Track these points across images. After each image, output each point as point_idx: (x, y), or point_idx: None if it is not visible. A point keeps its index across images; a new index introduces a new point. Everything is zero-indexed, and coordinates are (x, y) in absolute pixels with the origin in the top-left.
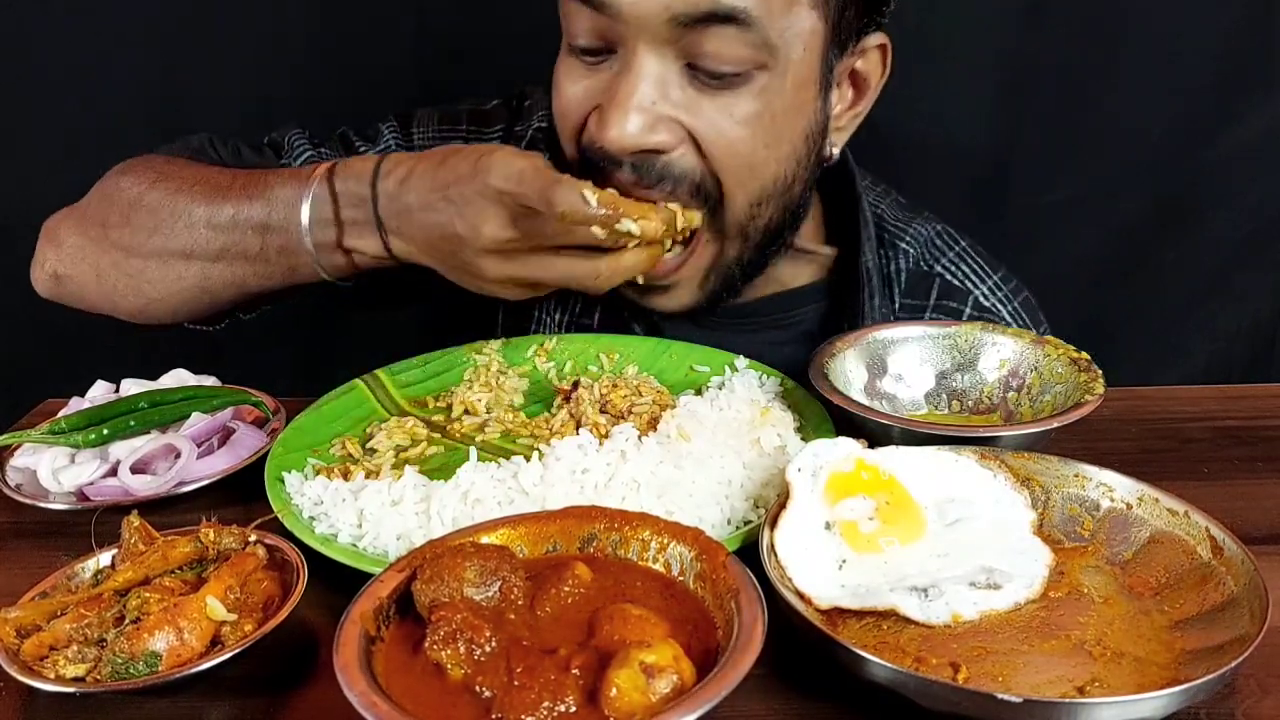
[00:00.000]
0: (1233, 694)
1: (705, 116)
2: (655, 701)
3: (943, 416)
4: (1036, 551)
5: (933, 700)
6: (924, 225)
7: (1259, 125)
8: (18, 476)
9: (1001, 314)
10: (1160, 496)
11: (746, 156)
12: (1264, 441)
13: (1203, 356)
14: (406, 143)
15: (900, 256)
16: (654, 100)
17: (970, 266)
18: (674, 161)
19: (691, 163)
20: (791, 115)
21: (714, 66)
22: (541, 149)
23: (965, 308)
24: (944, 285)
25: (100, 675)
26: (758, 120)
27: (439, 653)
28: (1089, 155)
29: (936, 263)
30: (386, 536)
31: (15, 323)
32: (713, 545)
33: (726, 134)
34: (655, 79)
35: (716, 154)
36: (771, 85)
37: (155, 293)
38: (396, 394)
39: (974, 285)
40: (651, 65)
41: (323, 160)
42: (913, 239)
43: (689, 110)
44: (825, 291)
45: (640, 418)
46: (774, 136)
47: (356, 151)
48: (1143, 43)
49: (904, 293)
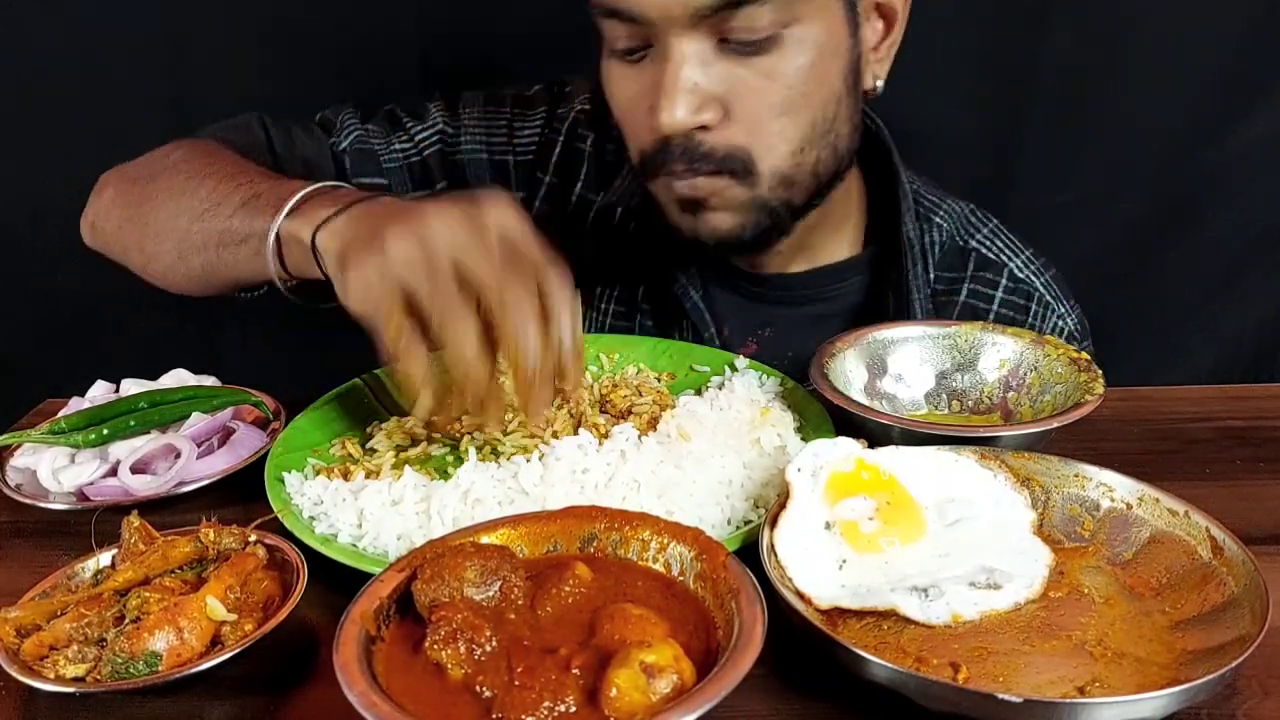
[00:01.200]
0: (1234, 694)
1: (742, 82)
2: (655, 701)
3: (943, 416)
4: (1036, 551)
5: (933, 700)
6: (956, 203)
7: (1263, 126)
8: (18, 476)
9: (1035, 285)
10: (1160, 496)
11: (781, 110)
12: (1267, 442)
13: (1205, 357)
14: (454, 123)
15: (935, 230)
16: (696, 82)
17: (1004, 241)
18: (711, 138)
19: (728, 138)
20: (826, 60)
21: (744, 37)
22: (582, 131)
23: (1001, 279)
24: (980, 258)
25: (100, 675)
26: (793, 73)
27: (439, 653)
28: (1091, 156)
29: (971, 238)
30: (386, 536)
31: (15, 323)
32: (713, 545)
33: (762, 94)
34: (693, 61)
35: (752, 116)
36: (801, 38)
37: (156, 249)
38: (396, 394)
39: (1008, 258)
40: (686, 50)
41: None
42: (946, 214)
43: (727, 81)
44: (866, 264)
45: (640, 418)
46: (811, 84)
47: (403, 129)
48: (1146, 43)
49: (939, 265)
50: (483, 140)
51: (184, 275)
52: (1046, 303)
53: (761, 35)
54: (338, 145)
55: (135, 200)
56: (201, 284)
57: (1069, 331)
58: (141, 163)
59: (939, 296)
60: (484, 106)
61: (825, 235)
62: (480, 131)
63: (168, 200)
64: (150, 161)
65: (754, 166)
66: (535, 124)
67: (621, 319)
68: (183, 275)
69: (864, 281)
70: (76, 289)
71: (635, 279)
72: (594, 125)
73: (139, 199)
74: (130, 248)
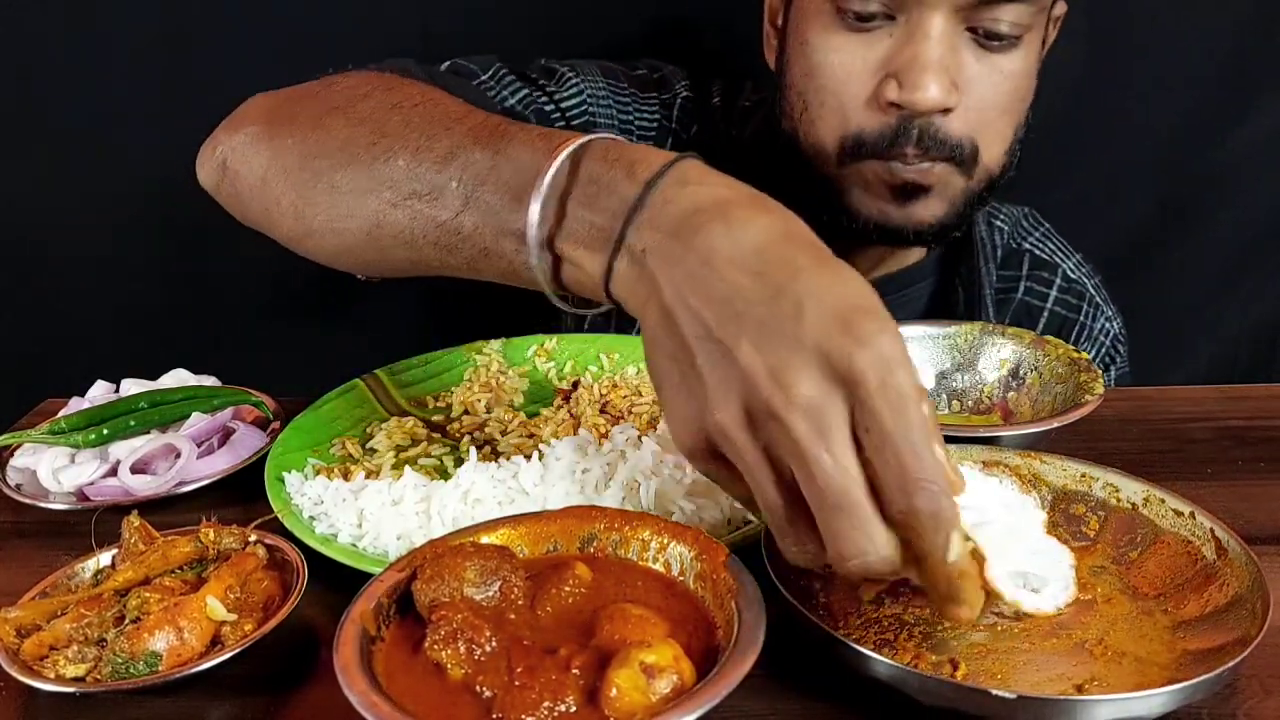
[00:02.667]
0: (1234, 694)
1: (980, 76)
2: (655, 701)
3: (943, 416)
4: (1057, 552)
5: (931, 697)
6: (1013, 206)
7: (1266, 126)
8: (18, 476)
9: (1087, 286)
10: (1166, 497)
11: (1007, 111)
12: (1267, 442)
13: (1206, 357)
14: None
15: (995, 233)
16: (948, 65)
17: (1055, 244)
18: (947, 125)
19: (960, 127)
20: (1035, 70)
21: (994, 29)
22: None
23: (1056, 278)
24: (1034, 259)
25: (100, 675)
26: (1022, 76)
27: (439, 653)
28: (1092, 155)
29: (1025, 240)
30: (386, 536)
31: (15, 323)
32: (713, 545)
33: (995, 91)
34: (947, 43)
35: (984, 113)
36: (1032, 44)
37: (316, 221)
38: (396, 394)
39: (1061, 259)
40: (944, 30)
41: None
42: (1005, 217)
43: (966, 71)
44: (933, 268)
45: (640, 418)
46: (1027, 89)
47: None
48: (1148, 41)
49: (999, 265)
50: (614, 114)
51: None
52: (1097, 304)
53: (1009, 32)
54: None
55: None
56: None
57: (1115, 334)
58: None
59: (998, 295)
60: (605, 78)
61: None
62: (610, 103)
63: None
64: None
65: (979, 156)
66: (654, 107)
67: None
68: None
69: (932, 285)
70: (76, 289)
71: None
72: (698, 115)
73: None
74: (283, 210)
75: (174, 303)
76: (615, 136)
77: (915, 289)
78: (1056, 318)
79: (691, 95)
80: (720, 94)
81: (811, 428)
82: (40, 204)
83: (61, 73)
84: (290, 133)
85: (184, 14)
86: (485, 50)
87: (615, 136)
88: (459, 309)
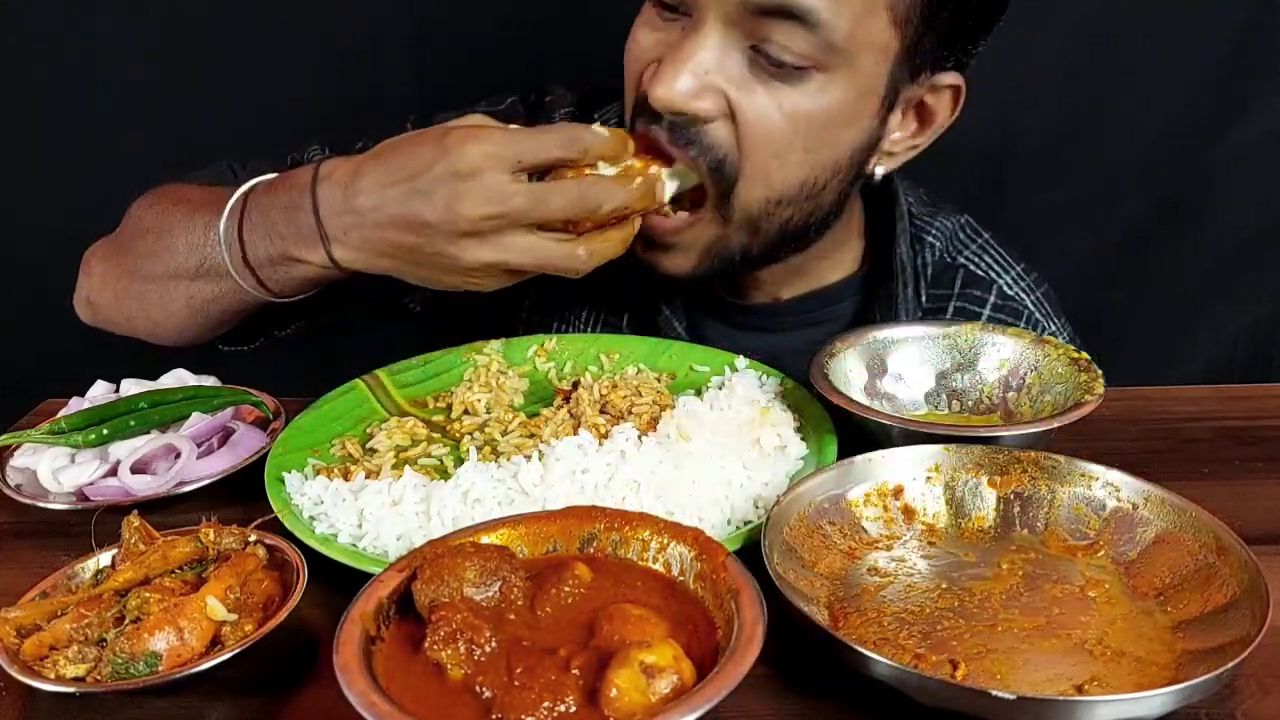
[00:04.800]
0: (1233, 694)
1: (754, 99)
2: (655, 701)
3: (943, 416)
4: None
5: (931, 697)
6: (948, 219)
7: (1261, 125)
8: (18, 476)
9: (1025, 302)
10: (1166, 496)
11: (779, 150)
12: (1264, 442)
13: (1203, 357)
14: None
15: (926, 250)
16: (709, 70)
17: (993, 257)
18: (708, 132)
19: (723, 139)
20: (841, 124)
21: (776, 54)
22: None
23: (990, 296)
24: (968, 275)
25: (100, 675)
26: (805, 119)
27: (439, 653)
28: (1089, 155)
29: (960, 254)
30: (386, 536)
31: (15, 323)
32: (713, 545)
33: (768, 121)
34: (717, 50)
35: (751, 139)
36: (829, 88)
37: (157, 314)
38: (396, 394)
39: (997, 275)
40: (717, 37)
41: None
42: (938, 232)
43: (740, 88)
44: (859, 286)
45: (640, 418)
46: (817, 140)
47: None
48: (1144, 42)
49: (930, 284)
50: None
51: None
52: (1036, 321)
53: (790, 61)
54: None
55: (122, 271)
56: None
57: None
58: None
59: (928, 315)
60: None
61: (819, 261)
62: None
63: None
64: (125, 223)
65: (735, 187)
66: None
67: None
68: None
69: (857, 301)
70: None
71: (619, 306)
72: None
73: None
74: (134, 317)
75: None
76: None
77: (840, 306)
78: None
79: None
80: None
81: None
82: (40, 204)
83: (61, 73)
84: (117, 263)
85: (184, 15)
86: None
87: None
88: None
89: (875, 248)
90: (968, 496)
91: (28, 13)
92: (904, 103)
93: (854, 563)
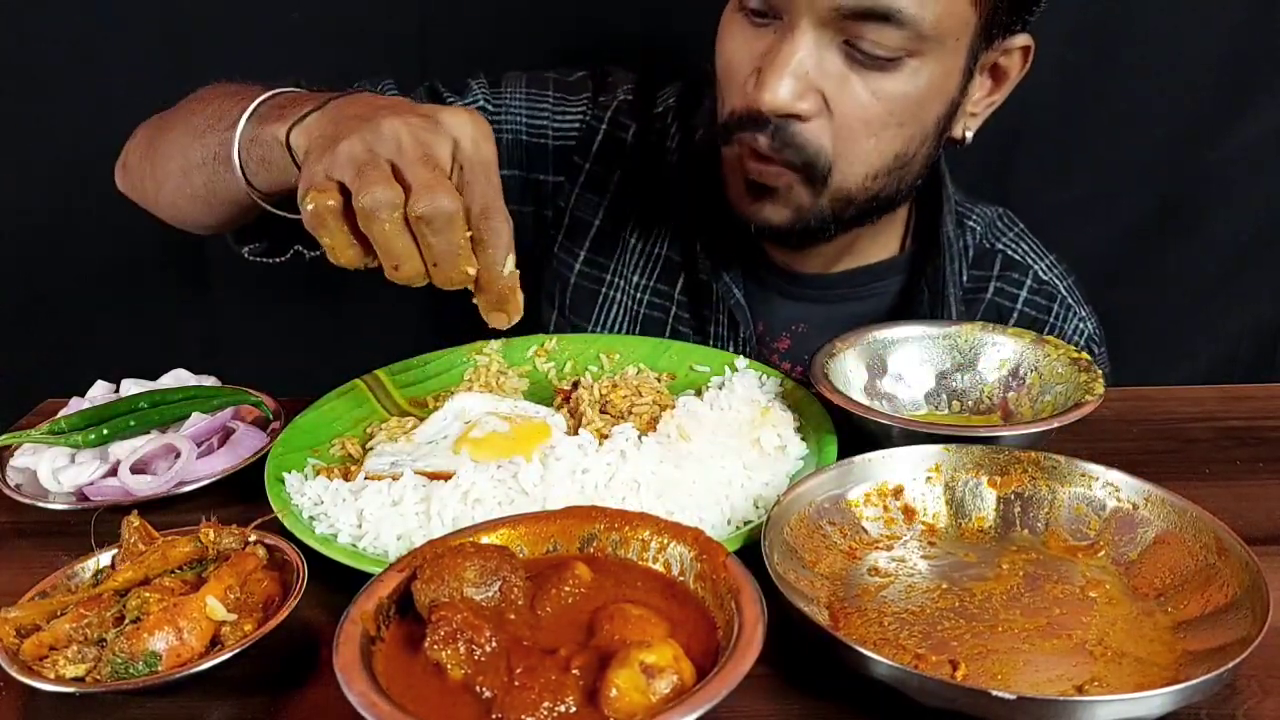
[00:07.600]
0: (1234, 695)
1: (851, 90)
2: (655, 702)
3: (943, 416)
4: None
5: (931, 697)
6: (987, 207)
7: (1264, 126)
8: (18, 476)
9: (1059, 288)
10: (1167, 496)
11: (876, 131)
12: (1266, 442)
13: (1205, 357)
14: (495, 102)
15: (968, 233)
16: (809, 70)
17: (1029, 245)
18: (805, 131)
19: (815, 135)
20: (931, 99)
21: (870, 49)
22: (625, 120)
23: (1027, 279)
24: (1006, 259)
25: (100, 675)
26: (900, 100)
27: (439, 653)
28: (1091, 155)
29: (999, 240)
30: (386, 536)
31: (15, 323)
32: (713, 545)
33: (865, 109)
34: (813, 50)
35: (849, 128)
36: (920, 71)
37: (158, 177)
38: (396, 394)
39: (1034, 261)
40: (811, 37)
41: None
42: (978, 218)
43: (838, 83)
44: (905, 265)
45: (640, 418)
46: (909, 116)
47: (442, 102)
48: (1146, 42)
49: (971, 265)
50: (522, 121)
51: (189, 196)
52: (1069, 305)
53: (884, 54)
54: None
55: (154, 136)
56: (205, 205)
57: (1089, 334)
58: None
59: (968, 295)
60: (526, 87)
61: (871, 239)
62: (521, 111)
63: (177, 125)
64: (176, 109)
65: (829, 176)
66: (578, 109)
67: (657, 310)
68: (188, 197)
69: (901, 281)
70: (77, 289)
71: (675, 272)
72: (637, 115)
73: (157, 134)
74: (146, 178)
75: (174, 303)
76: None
77: (885, 283)
78: (1026, 318)
79: (631, 99)
80: (675, 97)
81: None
82: (40, 204)
83: (61, 73)
84: (152, 135)
85: (184, 14)
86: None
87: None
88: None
89: (920, 230)
90: (968, 496)
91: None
92: (981, 66)
93: (854, 563)
